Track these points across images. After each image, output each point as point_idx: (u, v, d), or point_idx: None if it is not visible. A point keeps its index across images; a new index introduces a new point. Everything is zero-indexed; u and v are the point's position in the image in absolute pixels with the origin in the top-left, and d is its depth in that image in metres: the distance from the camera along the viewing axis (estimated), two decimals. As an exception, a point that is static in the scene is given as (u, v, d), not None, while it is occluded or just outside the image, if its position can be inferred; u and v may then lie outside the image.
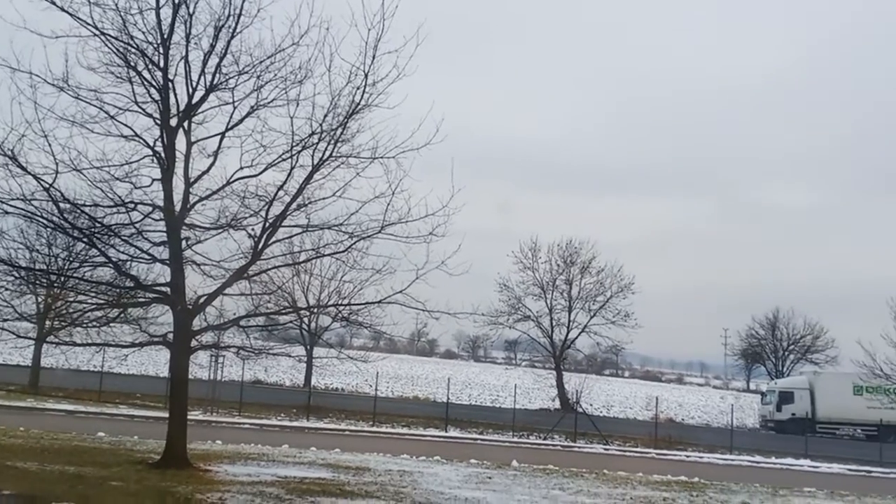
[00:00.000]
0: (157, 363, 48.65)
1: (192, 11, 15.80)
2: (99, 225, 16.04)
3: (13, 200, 15.18)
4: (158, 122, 16.19)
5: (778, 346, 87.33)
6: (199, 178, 16.55)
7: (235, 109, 16.46)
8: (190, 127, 16.48)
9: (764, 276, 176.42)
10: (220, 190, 16.69)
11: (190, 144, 16.50)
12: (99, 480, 14.51)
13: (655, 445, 35.23)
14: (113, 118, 15.88)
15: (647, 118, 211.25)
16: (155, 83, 16.01)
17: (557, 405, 51.14)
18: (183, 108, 16.22)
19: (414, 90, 16.64)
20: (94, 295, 17.62)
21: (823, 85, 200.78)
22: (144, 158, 16.28)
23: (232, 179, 16.66)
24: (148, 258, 16.81)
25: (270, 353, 20.27)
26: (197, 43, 15.98)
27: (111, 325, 18.16)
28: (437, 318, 17.48)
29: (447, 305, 17.39)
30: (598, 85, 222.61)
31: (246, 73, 16.25)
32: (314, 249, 18.58)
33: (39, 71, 14.92)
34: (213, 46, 15.99)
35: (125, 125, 16.00)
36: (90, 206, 15.95)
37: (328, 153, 16.57)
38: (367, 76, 16.11)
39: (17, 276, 17.34)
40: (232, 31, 15.92)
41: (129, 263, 16.93)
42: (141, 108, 16.09)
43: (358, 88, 16.23)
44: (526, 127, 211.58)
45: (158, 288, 17.05)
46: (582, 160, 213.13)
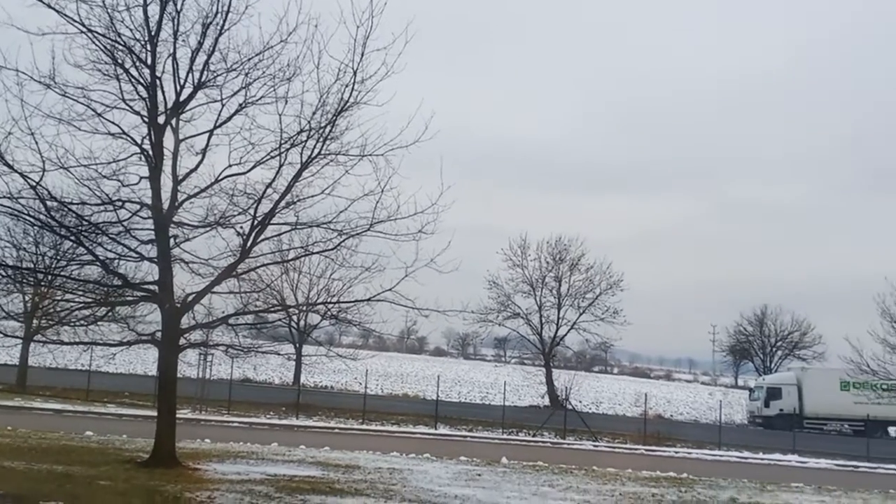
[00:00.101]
0: (145, 362, 48.47)
1: (179, 8, 15.74)
2: (86, 223, 15.94)
3: (0, 199, 15.10)
4: (146, 119, 16.11)
5: (766, 342, 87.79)
6: (187, 175, 16.49)
7: (224, 107, 16.42)
8: (178, 124, 16.41)
9: (752, 273, 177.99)
10: (208, 188, 16.63)
11: (178, 142, 16.42)
12: (87, 480, 14.44)
13: (644, 442, 35.33)
14: (100, 116, 15.79)
15: (641, 117, 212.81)
16: (142, 80, 15.93)
17: (547, 402, 51.27)
18: (171, 105, 16.14)
19: (405, 88, 16.65)
20: (81, 293, 17.56)
21: (819, 85, 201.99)
22: (132, 156, 16.20)
23: (220, 177, 16.61)
24: (136, 256, 16.74)
25: (259, 351, 20.22)
26: (185, 40, 15.93)
27: (99, 323, 18.08)
28: (426, 315, 17.50)
29: (436, 303, 17.43)
30: (594, 84, 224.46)
31: (234, 70, 16.21)
32: (303, 247, 18.54)
33: (26, 68, 14.85)
34: (200, 43, 15.92)
35: (112, 123, 15.93)
36: (77, 204, 15.87)
37: (317, 151, 16.54)
38: (355, 73, 16.10)
39: (3, 274, 17.28)
40: (220, 28, 15.87)
41: (116, 262, 16.88)
42: (128, 105, 16.01)
43: (347, 86, 16.22)
44: (520, 126, 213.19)
45: (146, 286, 16.98)
46: (572, 159, 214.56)
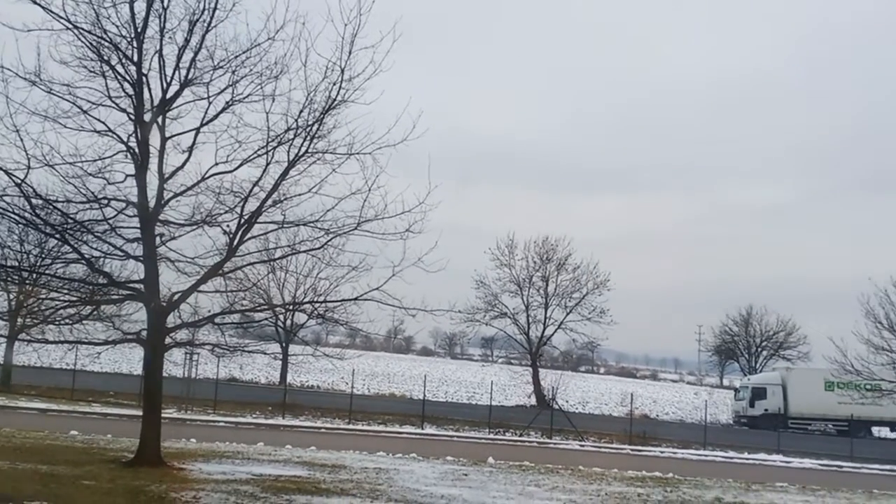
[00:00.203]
0: (130, 361, 48.25)
1: (166, 5, 15.65)
2: (71, 221, 15.83)
3: (-16, 197, 14.98)
4: (132, 117, 16.01)
5: (751, 342, 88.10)
6: (173, 173, 16.41)
7: (210, 105, 16.35)
8: (164, 122, 16.32)
9: (738, 273, 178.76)
10: (194, 186, 16.56)
11: (164, 140, 16.33)
12: (72, 479, 14.36)
13: (630, 441, 35.44)
14: (86, 113, 15.70)
15: (628, 118, 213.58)
16: (128, 78, 15.84)
17: (533, 402, 51.30)
18: (157, 103, 16.06)
19: (393, 86, 16.61)
20: (66, 292, 17.45)
21: (807, 85, 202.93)
22: (118, 154, 16.11)
23: (207, 175, 16.54)
24: (121, 255, 16.65)
25: (245, 350, 20.17)
26: (171, 37, 15.85)
27: (84, 322, 18.01)
28: (413, 315, 17.45)
29: (424, 302, 17.39)
30: (581, 85, 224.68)
31: (221, 67, 16.14)
32: (290, 246, 18.50)
33: (11, 65, 14.77)
34: (187, 41, 15.84)
35: (98, 120, 15.85)
36: (63, 201, 15.75)
37: (304, 149, 16.49)
38: (343, 72, 16.06)
39: (-12, 272, 17.14)
40: (207, 25, 15.80)
41: (102, 260, 16.80)
42: (114, 102, 15.91)
43: (334, 84, 16.18)
44: (508, 126, 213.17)
45: (132, 285, 16.89)
46: (560, 159, 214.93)
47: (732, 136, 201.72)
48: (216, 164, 16.51)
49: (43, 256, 18.91)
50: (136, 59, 15.70)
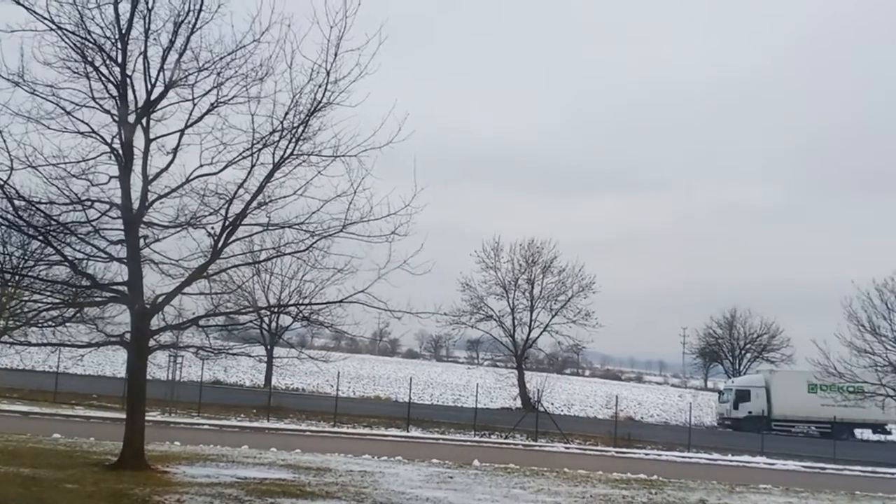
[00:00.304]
0: (114, 363, 47.99)
1: (150, 6, 15.59)
2: (55, 223, 15.74)
3: (-34, 198, 14.87)
4: (116, 118, 15.94)
5: (735, 345, 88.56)
6: (157, 175, 16.33)
7: (195, 106, 16.27)
8: (148, 123, 16.26)
9: (722, 276, 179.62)
10: (179, 188, 16.49)
11: (148, 141, 16.27)
12: (54, 482, 14.26)
13: (615, 444, 35.54)
14: (69, 114, 15.61)
15: (613, 121, 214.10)
16: (113, 79, 15.77)
17: (519, 404, 51.38)
18: (141, 104, 16.00)
19: (379, 89, 16.62)
20: (49, 294, 17.35)
21: (793, 86, 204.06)
22: (102, 155, 16.03)
23: (191, 177, 16.48)
24: (105, 257, 16.56)
25: (230, 353, 20.12)
26: (156, 38, 15.78)
27: (67, 324, 17.90)
28: (399, 317, 17.42)
29: (409, 305, 17.35)
30: (567, 88, 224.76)
31: (206, 69, 16.07)
32: (275, 248, 18.44)
33: (-6, 66, 14.65)
34: (172, 42, 15.78)
35: (82, 121, 15.76)
36: (46, 203, 15.66)
37: (289, 151, 16.46)
38: (328, 74, 16.03)
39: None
40: (192, 26, 15.74)
41: (85, 262, 16.71)
42: (98, 104, 15.82)
43: (320, 86, 16.14)
44: (492, 129, 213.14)
45: (115, 287, 16.80)
46: (545, 162, 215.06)
47: (724, 138, 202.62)
48: (201, 165, 16.47)
49: (26, 258, 18.77)
50: (120, 60, 15.63)
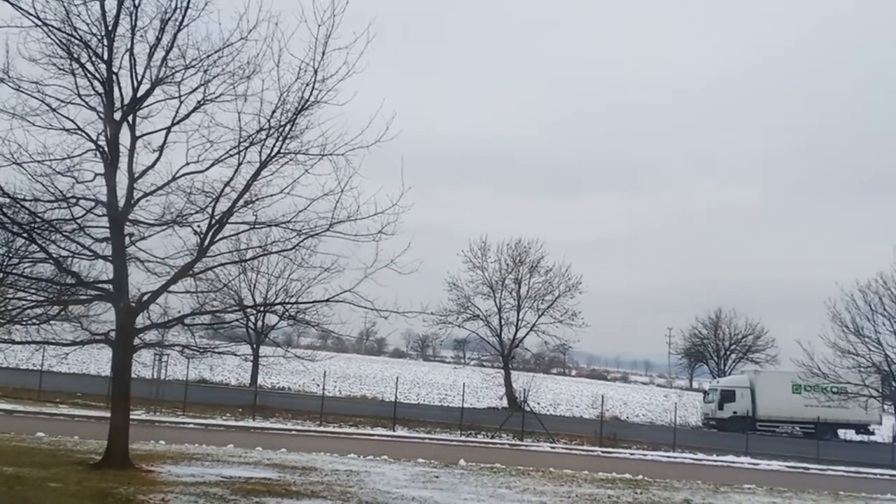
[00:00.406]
0: (99, 362, 47.73)
1: (137, 3, 15.54)
2: (39, 220, 15.66)
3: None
4: (102, 115, 15.89)
5: (720, 345, 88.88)
6: (143, 173, 16.29)
7: (182, 104, 16.26)
8: (135, 121, 16.20)
9: (708, 277, 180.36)
10: (165, 185, 16.45)
11: (134, 139, 16.21)
12: (38, 481, 14.18)
13: (601, 443, 35.64)
14: (55, 111, 15.58)
15: (600, 122, 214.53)
16: (99, 76, 15.71)
17: (505, 404, 51.42)
18: (127, 101, 15.94)
19: (367, 88, 16.62)
20: (34, 292, 17.22)
21: (777, 88, 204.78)
22: (87, 153, 15.99)
23: (178, 175, 16.44)
24: (90, 254, 16.49)
25: (216, 351, 20.02)
26: (142, 35, 15.75)
27: (52, 322, 17.80)
28: (385, 316, 17.43)
29: (396, 304, 17.35)
30: (555, 88, 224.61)
31: (193, 67, 16.05)
32: (261, 247, 18.41)
33: (-22, 62, 14.56)
34: (159, 39, 15.74)
35: (68, 118, 15.73)
36: (31, 200, 15.59)
37: (276, 149, 16.45)
38: (316, 72, 16.04)
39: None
40: (178, 24, 15.70)
41: (70, 260, 16.62)
42: (84, 101, 15.78)
43: (307, 85, 16.14)
44: (481, 128, 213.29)
45: (101, 285, 16.73)
46: (533, 162, 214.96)
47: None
48: (187, 163, 16.43)
49: (10, 256, 18.60)
50: (106, 57, 15.58)
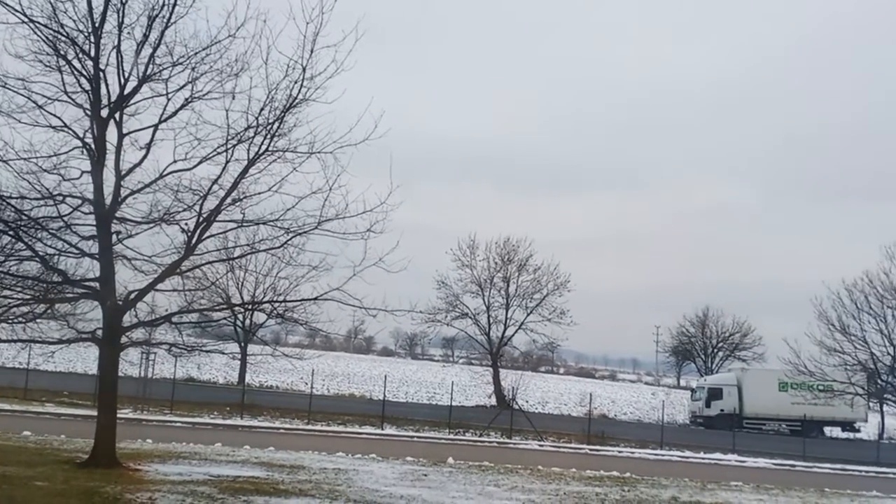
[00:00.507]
0: (85, 360, 47.55)
1: (124, 0, 15.45)
2: (25, 218, 15.55)
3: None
4: (89, 112, 15.81)
5: (707, 343, 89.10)
6: (130, 170, 16.21)
7: (169, 101, 16.19)
8: (122, 118, 16.12)
9: (695, 275, 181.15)
10: (152, 183, 16.38)
11: (121, 136, 16.14)
12: (24, 480, 14.10)
13: (589, 441, 35.72)
14: (41, 108, 15.49)
15: (590, 120, 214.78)
16: (85, 73, 15.62)
17: (493, 402, 51.49)
18: (114, 98, 15.86)
19: (355, 86, 16.60)
20: (20, 290, 17.12)
21: (772, 89, 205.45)
22: (74, 150, 15.89)
23: (165, 173, 16.36)
24: (77, 252, 16.41)
25: (203, 350, 19.97)
26: (130, 32, 15.64)
27: (38, 320, 17.70)
28: (374, 315, 17.39)
29: (384, 302, 17.31)
30: (546, 87, 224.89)
31: (180, 64, 15.97)
32: (249, 245, 18.37)
33: (-37, 58, 14.47)
34: (146, 36, 15.66)
35: (54, 115, 15.63)
36: (16, 198, 15.48)
37: (264, 147, 16.40)
38: (304, 70, 15.99)
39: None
40: (166, 21, 15.62)
41: (56, 258, 16.53)
42: (71, 98, 15.70)
43: (295, 82, 16.09)
44: (470, 126, 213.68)
45: (87, 283, 16.66)
46: (522, 160, 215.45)
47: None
48: (175, 161, 16.36)
49: (-4, 253, 18.54)
50: (93, 54, 15.49)
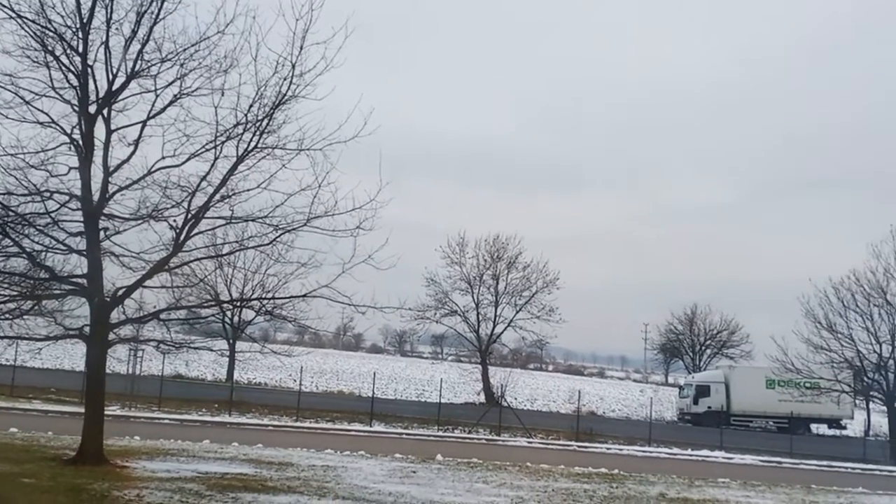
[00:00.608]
0: (73, 357, 47.39)
1: (112, -5, 15.39)
2: (12, 214, 15.50)
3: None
4: (76, 108, 15.76)
5: (695, 340, 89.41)
6: (118, 167, 16.16)
7: (158, 97, 16.15)
8: (109, 114, 16.08)
9: (684, 273, 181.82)
10: (140, 179, 16.34)
11: (109, 132, 16.09)
12: (11, 477, 14.05)
13: (577, 438, 35.80)
14: (29, 104, 15.43)
15: (579, 119, 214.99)
16: (73, 69, 15.57)
17: (482, 399, 51.55)
18: (102, 94, 15.81)
19: (345, 83, 16.61)
20: (6, 286, 17.01)
21: (758, 87, 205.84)
22: (61, 146, 15.85)
23: (153, 169, 16.33)
24: (64, 249, 16.35)
25: (192, 346, 19.95)
26: (118, 28, 15.60)
27: (25, 317, 17.61)
28: (363, 312, 17.38)
29: (374, 300, 17.29)
30: (536, 86, 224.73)
31: (169, 60, 15.94)
32: (238, 242, 18.34)
33: (-51, 53, 14.39)
34: (134, 32, 15.62)
35: (41, 111, 15.58)
36: (3, 194, 15.46)
37: (253, 144, 16.38)
38: (294, 67, 15.99)
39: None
40: (154, 17, 15.59)
41: (44, 254, 16.47)
42: (58, 94, 15.65)
43: (285, 79, 16.09)
44: (460, 124, 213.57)
45: (75, 279, 16.59)
46: (511, 158, 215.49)
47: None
48: (163, 157, 16.33)
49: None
50: (81, 49, 15.44)
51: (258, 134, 16.34)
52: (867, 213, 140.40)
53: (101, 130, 15.99)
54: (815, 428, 52.12)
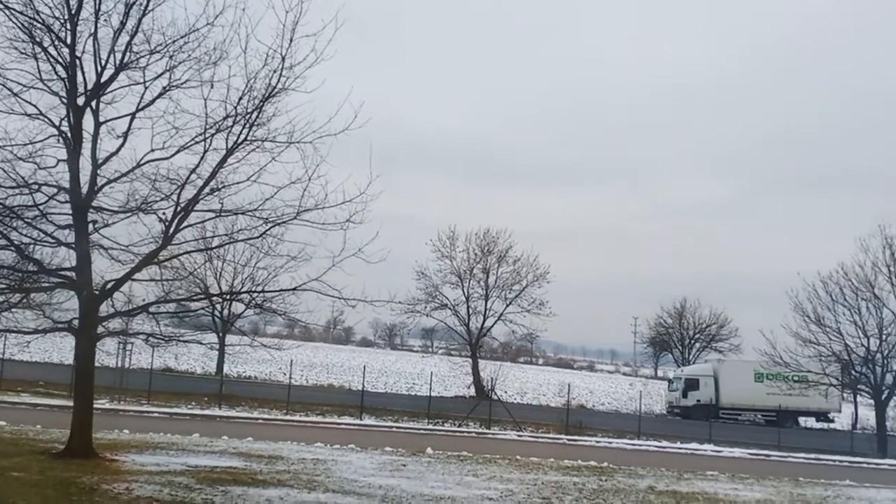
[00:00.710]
0: (61, 350, 47.13)
1: (101, -13, 15.29)
2: (0, 206, 15.41)
3: None
4: (65, 100, 15.67)
5: (685, 334, 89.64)
6: (107, 159, 16.09)
7: (147, 90, 16.08)
8: (98, 106, 15.99)
9: (673, 267, 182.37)
10: (129, 172, 16.26)
11: (98, 124, 16.01)
12: (-1, 471, 14.01)
13: (567, 432, 35.93)
14: (16, 96, 15.35)
15: (571, 114, 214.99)
16: (62, 60, 15.48)
17: (472, 392, 51.61)
18: (91, 86, 15.73)
19: (335, 76, 16.54)
20: (-6, 279, 16.97)
21: (751, 84, 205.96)
22: (50, 138, 15.75)
23: (142, 161, 16.25)
24: (53, 241, 16.29)
25: (181, 340, 19.86)
26: (107, 20, 15.52)
27: (13, 310, 17.57)
28: (353, 305, 17.38)
29: (364, 293, 17.30)
30: (528, 81, 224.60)
31: (158, 52, 15.86)
32: (227, 235, 18.26)
33: (-64, 45, 14.28)
34: (123, 24, 15.53)
35: (29, 103, 15.50)
36: (-9, 186, 15.33)
37: (243, 137, 16.32)
38: (284, 59, 15.92)
39: None
40: (143, 8, 15.52)
41: (32, 247, 16.41)
42: (46, 85, 15.56)
43: (275, 71, 16.03)
44: (450, 118, 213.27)
45: (63, 272, 16.54)
46: (502, 152, 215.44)
47: (673, 133, 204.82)
48: (152, 150, 16.26)
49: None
50: (69, 41, 15.35)
51: (248, 126, 16.28)
52: (865, 210, 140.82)
53: (89, 123, 15.94)
54: (803, 421, 52.44)
